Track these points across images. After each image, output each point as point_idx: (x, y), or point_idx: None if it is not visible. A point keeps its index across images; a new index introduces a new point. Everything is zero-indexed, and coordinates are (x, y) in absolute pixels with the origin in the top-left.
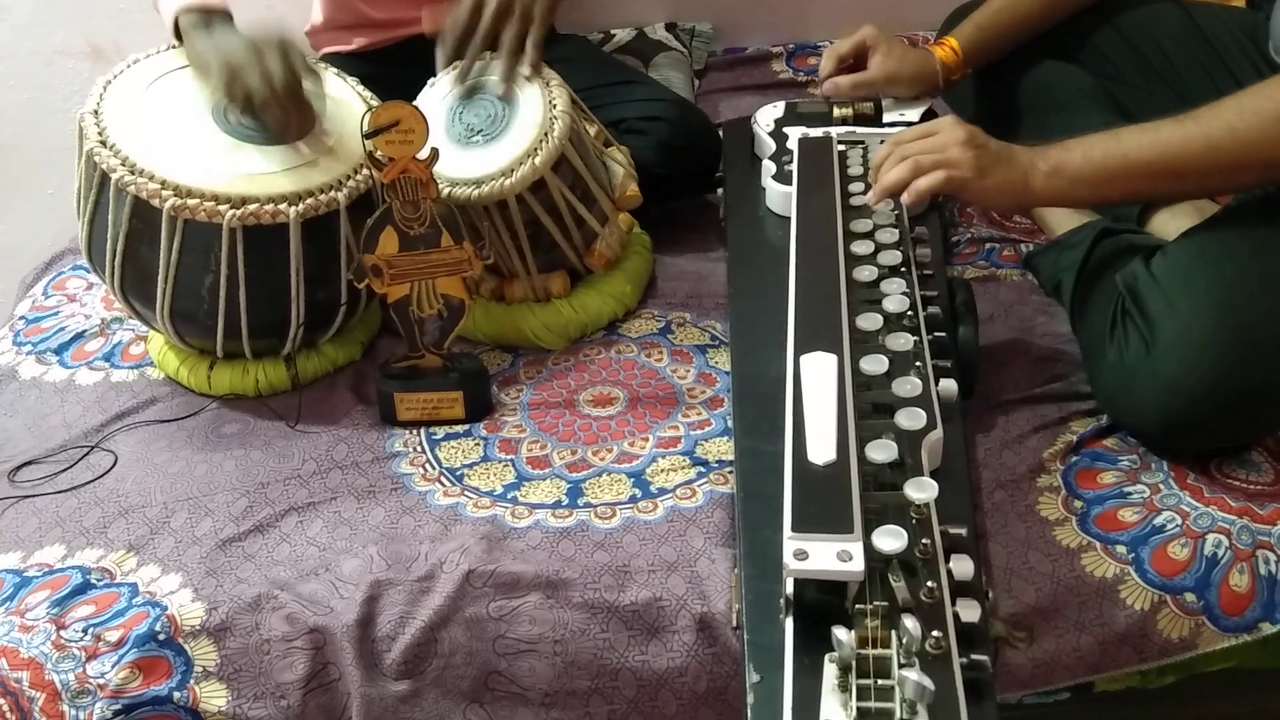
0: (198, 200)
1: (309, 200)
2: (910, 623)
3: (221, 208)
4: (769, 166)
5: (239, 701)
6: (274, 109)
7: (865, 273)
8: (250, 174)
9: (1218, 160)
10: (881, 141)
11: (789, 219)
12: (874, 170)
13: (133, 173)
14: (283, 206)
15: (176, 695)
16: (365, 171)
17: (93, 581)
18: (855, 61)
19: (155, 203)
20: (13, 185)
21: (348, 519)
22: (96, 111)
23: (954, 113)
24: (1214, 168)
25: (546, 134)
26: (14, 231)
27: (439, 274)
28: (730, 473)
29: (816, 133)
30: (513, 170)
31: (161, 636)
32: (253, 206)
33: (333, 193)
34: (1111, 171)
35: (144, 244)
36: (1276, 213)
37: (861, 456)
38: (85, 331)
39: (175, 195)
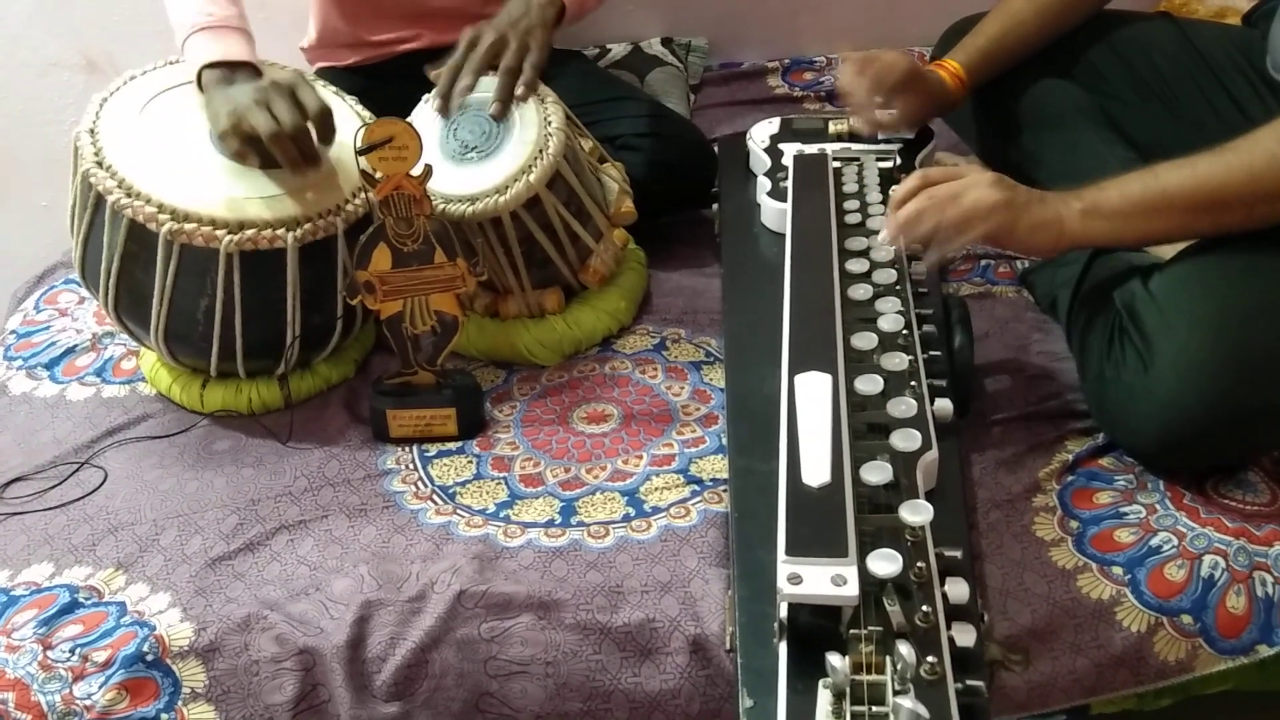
0: (195, 225)
1: (307, 225)
2: (905, 649)
3: (219, 232)
4: (764, 183)
5: None
6: (282, 145)
7: (860, 291)
8: (248, 198)
9: (1261, 188)
10: (878, 159)
11: (784, 235)
12: (893, 209)
13: (129, 195)
14: (280, 232)
15: (164, 717)
16: (364, 195)
17: (80, 600)
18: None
19: (152, 226)
20: (5, 197)
21: (339, 537)
22: (92, 130)
23: (952, 129)
24: (1258, 197)
25: (541, 151)
26: (6, 244)
27: (432, 290)
28: (724, 491)
29: (812, 149)
30: (507, 187)
31: (149, 657)
32: (250, 232)
33: (331, 217)
34: (1151, 206)
35: (139, 266)
36: (1274, 231)
37: (856, 478)
38: (77, 346)
39: (172, 219)
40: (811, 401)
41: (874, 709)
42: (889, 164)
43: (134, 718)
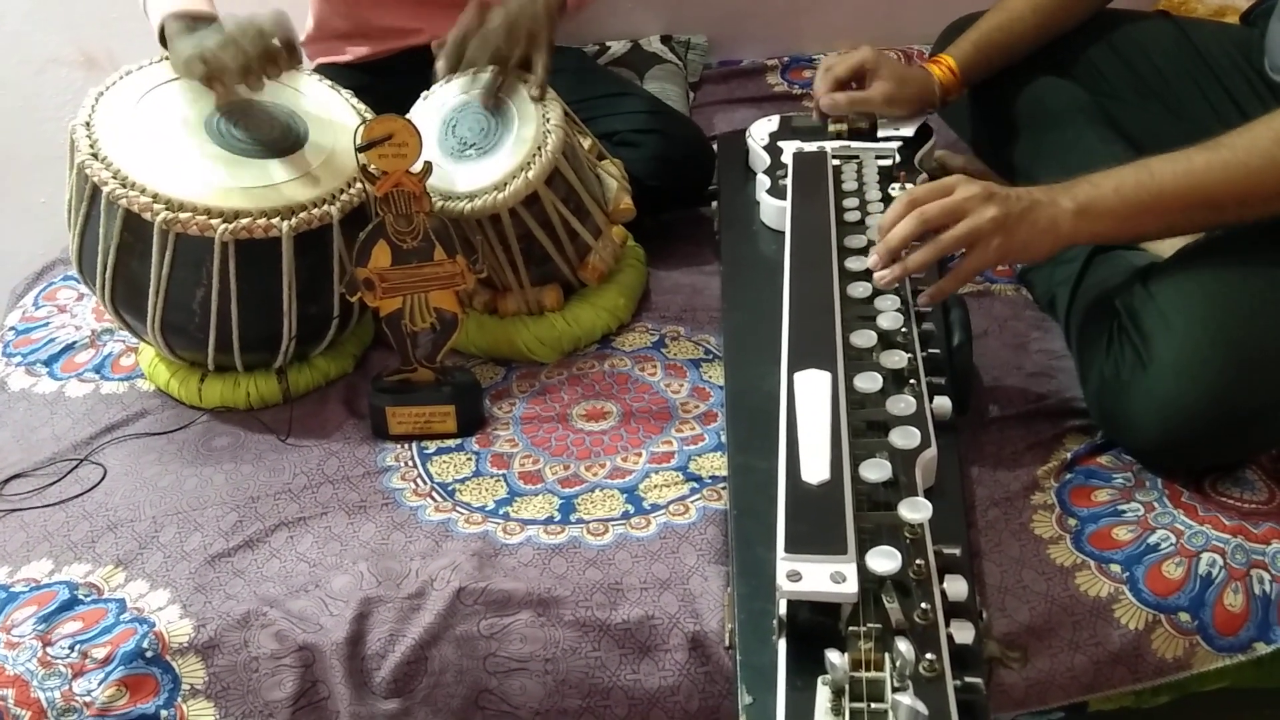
0: (190, 214)
1: (302, 214)
2: (904, 646)
3: (214, 221)
4: (763, 180)
5: None
6: (237, 72)
7: (859, 289)
8: (243, 188)
9: (1257, 188)
10: (877, 158)
11: (783, 233)
12: (882, 231)
13: (124, 186)
14: (275, 220)
15: (164, 714)
16: (359, 185)
17: (80, 597)
18: (853, 81)
19: (147, 216)
20: (4, 194)
21: (338, 534)
22: (88, 123)
23: (950, 128)
24: (1253, 195)
25: (540, 148)
26: (5, 240)
27: (432, 287)
28: (724, 488)
29: (811, 147)
30: (506, 184)
31: (149, 654)
32: (245, 220)
33: (326, 207)
34: (1146, 205)
35: (135, 257)
36: (1273, 230)
37: (855, 476)
38: (75, 343)
39: (167, 209)
40: (811, 399)
41: (873, 706)
42: (888, 162)
43: (133, 714)
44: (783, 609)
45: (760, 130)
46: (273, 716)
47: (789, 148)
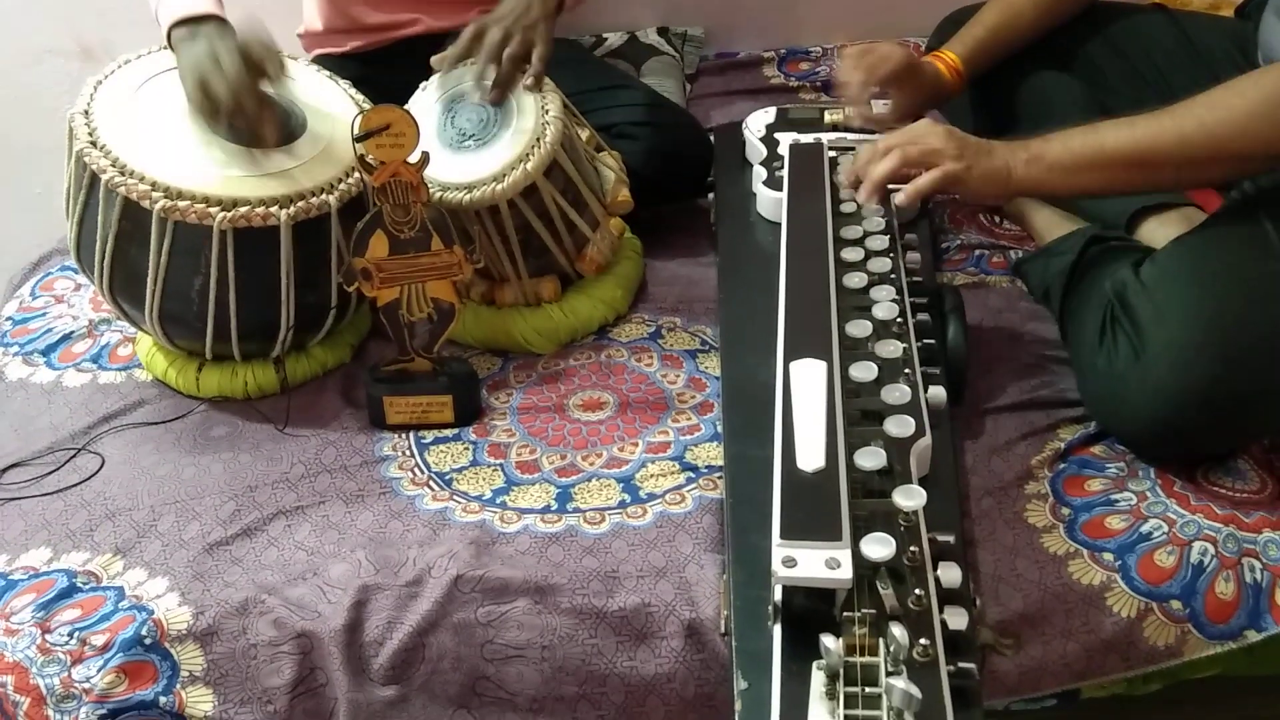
0: (188, 202)
1: (300, 203)
2: (898, 631)
3: (212, 210)
4: (760, 172)
5: (225, 706)
6: (239, 117)
7: (855, 279)
8: (241, 176)
9: (1189, 153)
10: None
11: (779, 224)
12: (856, 168)
13: (123, 174)
14: (273, 209)
15: (163, 700)
16: (357, 175)
17: (79, 585)
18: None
19: (145, 204)
20: (1, 184)
21: (336, 523)
22: (87, 112)
23: (950, 123)
24: (1185, 160)
25: (539, 139)
26: (1, 231)
27: (429, 278)
28: (720, 478)
29: (808, 138)
30: (504, 175)
31: (148, 641)
32: (243, 209)
33: (324, 196)
34: (1088, 160)
35: (133, 245)
36: (1265, 220)
37: (850, 464)
38: (73, 333)
39: (165, 197)
40: (806, 388)
41: (867, 690)
42: None
43: (132, 701)
44: (778, 595)
45: (757, 122)
46: (271, 703)
47: (785, 139)
